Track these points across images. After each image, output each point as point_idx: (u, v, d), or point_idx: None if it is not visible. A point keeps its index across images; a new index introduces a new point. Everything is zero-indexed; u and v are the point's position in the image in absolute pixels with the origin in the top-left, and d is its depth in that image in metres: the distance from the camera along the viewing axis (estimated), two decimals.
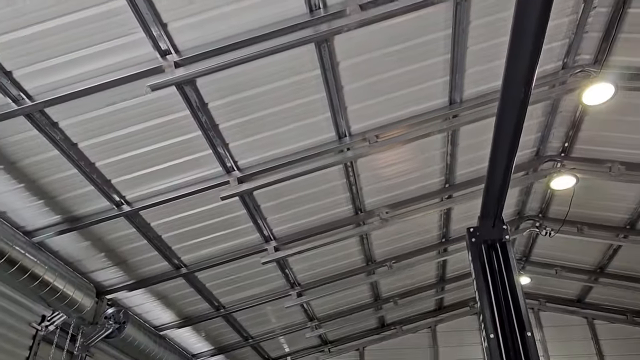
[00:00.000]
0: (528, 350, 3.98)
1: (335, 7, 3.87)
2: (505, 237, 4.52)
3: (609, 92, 5.03)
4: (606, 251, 7.97)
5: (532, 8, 2.56)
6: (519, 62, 2.85)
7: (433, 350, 9.72)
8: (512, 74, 2.96)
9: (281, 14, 3.85)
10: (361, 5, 3.83)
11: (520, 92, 3.01)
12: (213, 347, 8.62)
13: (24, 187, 4.65)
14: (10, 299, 4.88)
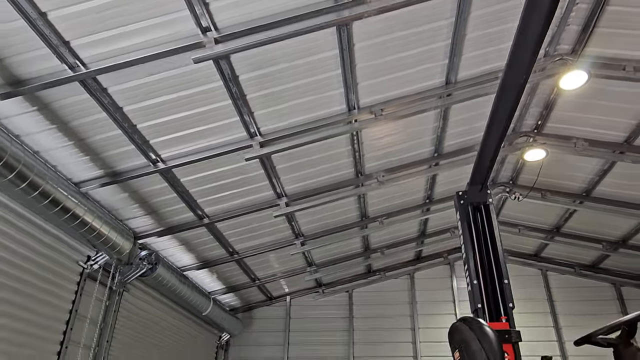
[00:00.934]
0: (504, 294, 4.19)
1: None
2: (489, 201, 4.63)
3: (583, 79, 5.12)
4: (563, 214, 8.17)
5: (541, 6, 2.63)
6: (523, 52, 2.92)
7: (411, 293, 10.00)
8: (516, 60, 3.02)
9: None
10: None
11: (521, 77, 3.10)
12: (225, 286, 8.82)
13: (73, 145, 4.65)
14: (62, 242, 4.96)
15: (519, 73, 3.13)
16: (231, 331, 9.33)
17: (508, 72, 3.22)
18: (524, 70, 3.09)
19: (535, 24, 2.76)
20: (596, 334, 2.37)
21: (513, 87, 3.27)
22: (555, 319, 9.26)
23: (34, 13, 3.38)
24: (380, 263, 9.83)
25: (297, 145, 5.37)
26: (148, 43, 3.84)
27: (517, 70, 3.11)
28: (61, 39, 3.63)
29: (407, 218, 7.98)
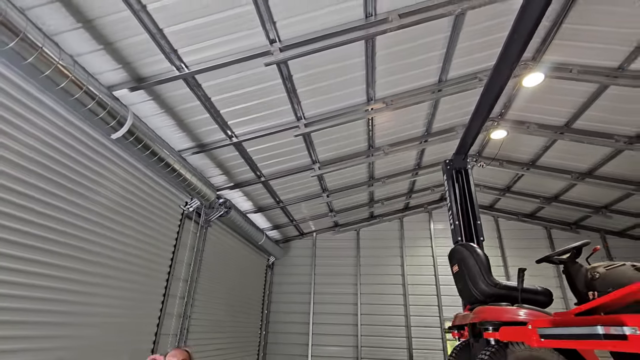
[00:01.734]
0: (477, 230, 4.30)
1: (381, 15, 3.81)
2: (468, 167, 4.68)
3: (540, 79, 5.03)
4: (513, 177, 8.16)
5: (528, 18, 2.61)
6: (511, 50, 2.91)
7: (400, 233, 10.13)
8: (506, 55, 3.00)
9: (347, 18, 3.80)
10: (400, 15, 3.78)
11: (509, 68, 3.09)
12: (272, 225, 9.06)
13: (175, 124, 4.76)
14: (170, 192, 5.13)
15: (501, 77, 3.13)
16: (276, 256, 9.66)
17: (494, 75, 3.21)
18: (506, 75, 3.10)
19: (517, 44, 2.76)
20: (552, 255, 2.46)
21: (496, 88, 3.28)
22: (502, 252, 9.40)
23: (154, 28, 3.43)
24: (379, 211, 9.95)
25: (330, 126, 5.40)
26: (232, 51, 3.87)
27: (500, 76, 3.12)
28: (172, 48, 3.68)
29: (402, 179, 8.02)
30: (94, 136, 3.67)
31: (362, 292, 9.51)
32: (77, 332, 3.33)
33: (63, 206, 3.21)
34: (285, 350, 9.17)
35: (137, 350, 4.26)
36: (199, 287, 5.69)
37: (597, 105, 5.43)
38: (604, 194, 7.75)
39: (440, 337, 8.82)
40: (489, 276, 2.37)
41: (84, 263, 3.45)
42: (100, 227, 3.64)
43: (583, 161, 6.87)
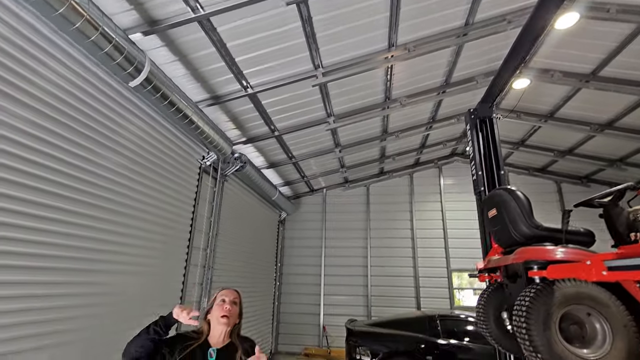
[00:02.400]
0: (500, 180, 4.25)
1: None
2: (494, 115, 4.51)
3: (574, 19, 4.70)
4: (529, 130, 8.01)
5: None
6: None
7: (410, 188, 10.19)
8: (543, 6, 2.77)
9: None
10: None
11: (544, 22, 2.86)
12: (283, 181, 9.08)
13: (189, 74, 4.56)
14: (188, 145, 5.05)
15: (547, 11, 2.89)
16: (287, 212, 9.80)
17: (536, 14, 2.97)
18: (553, 8, 2.86)
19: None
20: (593, 198, 2.42)
21: (535, 30, 3.05)
22: None
23: None
24: (390, 167, 9.92)
25: (349, 75, 5.17)
26: None
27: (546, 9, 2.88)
28: None
29: (415, 133, 7.89)
30: (111, 84, 3.51)
31: (372, 246, 9.76)
32: (110, 280, 3.42)
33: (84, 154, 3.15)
34: (298, 299, 9.61)
35: (167, 298, 4.42)
36: (218, 240, 5.81)
37: (629, 50, 5.14)
38: (621, 146, 7.64)
39: (447, 287, 9.19)
40: (530, 218, 2.35)
41: (111, 213, 3.46)
42: (121, 177, 3.59)
43: (604, 112, 6.68)
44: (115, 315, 3.45)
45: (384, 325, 6.38)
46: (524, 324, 1.88)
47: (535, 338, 1.83)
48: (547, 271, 1.97)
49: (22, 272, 2.54)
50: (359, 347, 5.89)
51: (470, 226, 9.46)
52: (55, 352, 2.74)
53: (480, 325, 2.73)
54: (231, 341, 1.90)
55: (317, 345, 9.09)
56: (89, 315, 3.13)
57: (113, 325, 3.39)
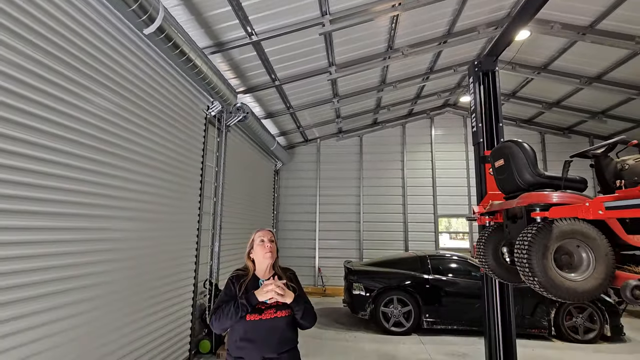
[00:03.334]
0: (499, 132, 4.53)
1: None
2: (496, 68, 4.66)
3: None
4: (522, 82, 8.21)
5: None
6: None
7: (402, 138, 10.46)
8: None
9: None
10: None
11: None
12: (279, 131, 9.14)
13: (193, 19, 4.39)
14: (195, 97, 5.01)
15: None
16: (283, 161, 9.99)
17: None
18: None
19: None
20: (588, 150, 2.73)
21: None
22: None
23: None
24: (383, 117, 10.07)
25: (357, 24, 5.09)
26: None
27: None
28: None
29: (412, 84, 7.97)
30: (122, 30, 3.40)
31: (364, 194, 10.25)
32: (126, 226, 3.63)
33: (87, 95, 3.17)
34: (294, 244, 10.22)
35: (184, 243, 4.72)
36: (225, 190, 6.01)
37: (629, 2, 5.24)
38: (604, 99, 8.03)
39: (433, 231, 9.95)
40: (535, 168, 2.66)
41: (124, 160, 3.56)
42: (131, 125, 3.59)
43: (595, 65, 6.92)
44: (134, 263, 3.72)
45: (379, 265, 7.04)
46: (525, 255, 2.27)
47: (534, 266, 2.23)
48: (549, 212, 2.32)
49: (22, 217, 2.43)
50: (357, 283, 6.54)
51: (457, 175, 10.06)
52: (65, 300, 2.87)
53: (480, 260, 3.18)
54: (275, 272, 2.23)
55: (313, 285, 9.91)
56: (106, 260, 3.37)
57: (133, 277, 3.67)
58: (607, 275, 2.24)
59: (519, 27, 3.86)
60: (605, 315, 5.96)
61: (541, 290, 2.26)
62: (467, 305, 6.21)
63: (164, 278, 4.17)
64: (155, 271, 3.98)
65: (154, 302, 3.93)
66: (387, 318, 6.39)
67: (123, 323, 3.38)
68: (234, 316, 1.95)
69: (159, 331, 4.03)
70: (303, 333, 2.22)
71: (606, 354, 5.47)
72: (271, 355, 1.97)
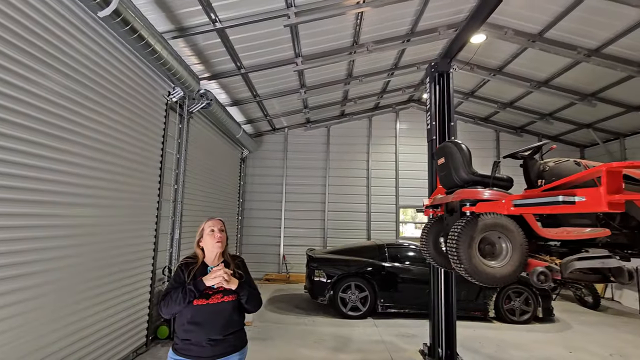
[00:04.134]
0: (450, 131, 4.85)
1: None
2: (451, 70, 4.95)
3: None
4: (479, 82, 8.67)
5: None
6: None
7: (368, 131, 10.74)
8: None
9: None
10: None
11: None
12: (246, 119, 9.10)
13: (154, 1, 4.28)
14: (155, 82, 4.90)
15: None
16: (250, 149, 9.97)
17: None
18: None
19: None
20: (517, 152, 3.04)
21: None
22: None
23: None
24: (350, 109, 10.27)
25: (322, 18, 5.18)
26: None
27: None
28: None
29: (378, 79, 8.18)
30: (74, 11, 3.29)
31: (330, 184, 10.49)
32: (80, 212, 3.60)
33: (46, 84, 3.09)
34: (259, 232, 10.31)
35: (142, 231, 4.70)
36: (186, 177, 5.98)
37: (572, 16, 5.70)
38: (552, 102, 8.68)
39: (394, 221, 10.40)
40: (469, 167, 2.95)
41: (77, 146, 3.50)
42: (84, 109, 3.51)
43: (544, 70, 7.46)
44: (93, 248, 3.70)
45: (340, 253, 7.33)
46: (454, 244, 2.55)
47: (461, 254, 2.51)
48: (476, 207, 2.61)
49: None
50: (318, 270, 6.79)
51: (419, 168, 10.50)
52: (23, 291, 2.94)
53: (422, 248, 3.47)
54: (224, 259, 2.36)
55: (277, 272, 10.10)
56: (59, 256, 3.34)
57: (88, 262, 3.66)
58: (521, 263, 2.57)
59: (470, 32, 4.14)
60: (538, 299, 6.62)
61: (467, 276, 2.56)
62: (419, 291, 6.64)
63: (120, 264, 4.16)
64: (110, 258, 3.96)
65: (108, 289, 3.93)
66: (345, 303, 6.71)
67: (74, 310, 3.38)
68: (182, 302, 2.07)
69: (114, 317, 4.04)
70: (265, 318, 2.39)
71: (536, 333, 6.11)
72: (217, 337, 2.11)
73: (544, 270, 2.44)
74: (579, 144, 10.65)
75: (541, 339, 5.80)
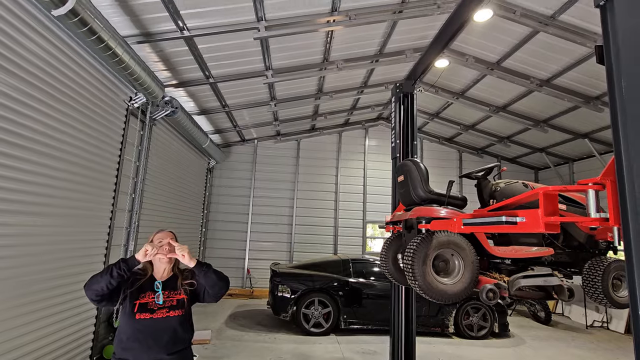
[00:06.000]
0: (412, 150, 4.99)
1: None
2: (415, 92, 5.13)
3: (489, 15, 5.42)
4: (444, 104, 9.09)
5: None
6: None
7: (338, 146, 10.88)
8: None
9: None
10: None
11: (467, 15, 3.40)
12: (214, 129, 8.92)
13: (117, 4, 4.15)
14: (115, 86, 4.72)
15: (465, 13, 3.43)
16: (217, 160, 9.75)
17: (460, 7, 3.49)
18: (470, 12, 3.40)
19: None
20: (472, 172, 3.19)
21: (461, 17, 3.58)
22: None
23: None
24: (321, 124, 10.36)
25: (292, 34, 5.24)
26: None
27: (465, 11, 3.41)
28: None
29: (348, 95, 8.35)
30: (29, 10, 3.12)
31: (299, 197, 10.44)
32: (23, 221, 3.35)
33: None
34: (224, 245, 10.02)
35: (92, 242, 4.42)
36: (145, 185, 5.73)
37: (525, 48, 6.15)
38: (509, 127, 9.24)
39: (361, 236, 10.49)
40: (427, 185, 3.04)
41: (24, 150, 3.28)
42: (33, 111, 3.30)
43: (501, 97, 7.95)
44: (34, 260, 3.43)
45: (304, 268, 7.24)
46: (410, 261, 2.58)
47: (416, 270, 2.55)
48: (431, 225, 2.67)
49: None
50: (282, 285, 6.66)
51: (386, 184, 10.71)
52: None
53: (381, 264, 3.50)
54: (173, 273, 2.25)
55: (241, 286, 9.80)
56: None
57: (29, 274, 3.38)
58: (472, 280, 2.64)
59: (431, 56, 4.33)
60: (495, 315, 6.85)
61: (420, 292, 2.60)
62: (383, 306, 6.67)
63: (64, 277, 3.85)
64: (53, 270, 3.67)
65: (50, 304, 3.62)
66: (308, 319, 6.60)
67: (8, 326, 3.07)
68: (106, 272, 1.92)
69: (56, 335, 3.72)
70: (223, 335, 2.26)
71: (492, 348, 6.29)
72: (160, 356, 1.99)
73: (492, 288, 2.53)
74: (534, 166, 11.36)
75: (496, 355, 5.97)
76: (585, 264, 2.74)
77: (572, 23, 5.34)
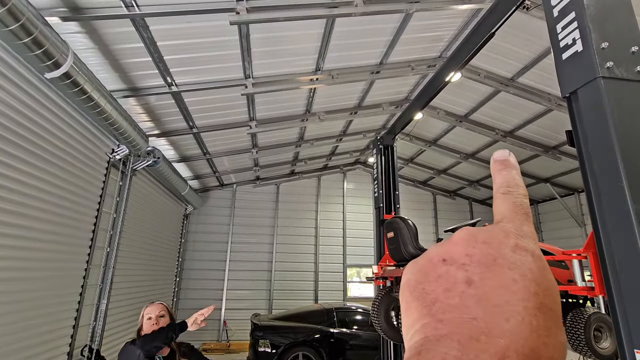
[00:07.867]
0: (395, 199, 5.17)
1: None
2: (394, 144, 5.43)
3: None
4: (418, 151, 9.58)
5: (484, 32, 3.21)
6: (461, 55, 3.53)
7: (317, 190, 11.01)
8: (456, 57, 3.64)
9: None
10: (365, 1, 4.02)
11: (456, 67, 3.75)
12: (193, 174, 8.83)
13: (107, 62, 4.23)
14: (97, 138, 4.65)
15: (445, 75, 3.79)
16: (194, 205, 9.52)
17: (442, 71, 3.86)
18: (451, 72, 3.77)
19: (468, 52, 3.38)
20: (456, 227, 3.35)
21: (438, 83, 3.95)
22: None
23: None
24: (300, 168, 10.52)
25: (277, 90, 5.50)
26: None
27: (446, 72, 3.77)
28: None
29: (327, 143, 8.64)
30: (19, 70, 3.12)
31: (278, 242, 10.27)
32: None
33: None
34: (198, 295, 9.50)
35: (64, 303, 4.10)
36: (122, 238, 5.48)
37: (490, 104, 6.77)
38: (478, 172, 9.82)
39: (342, 280, 10.34)
40: (416, 242, 3.14)
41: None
42: (18, 173, 3.22)
43: (470, 145, 8.53)
44: None
45: (286, 319, 6.98)
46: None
47: None
48: None
49: None
50: (263, 340, 6.34)
51: (366, 227, 10.83)
52: None
53: (374, 320, 3.48)
54: (170, 348, 2.15)
55: (217, 340, 9.21)
56: None
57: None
58: None
59: (411, 113, 4.68)
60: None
61: None
62: (369, 358, 6.47)
63: (28, 349, 3.50)
64: (14, 333, 3.32)
65: None
66: None
67: None
68: (164, 335, 2.02)
69: None
70: None
71: None
72: None
73: None
74: None
75: None
76: (566, 316, 2.86)
77: (529, 85, 5.99)
